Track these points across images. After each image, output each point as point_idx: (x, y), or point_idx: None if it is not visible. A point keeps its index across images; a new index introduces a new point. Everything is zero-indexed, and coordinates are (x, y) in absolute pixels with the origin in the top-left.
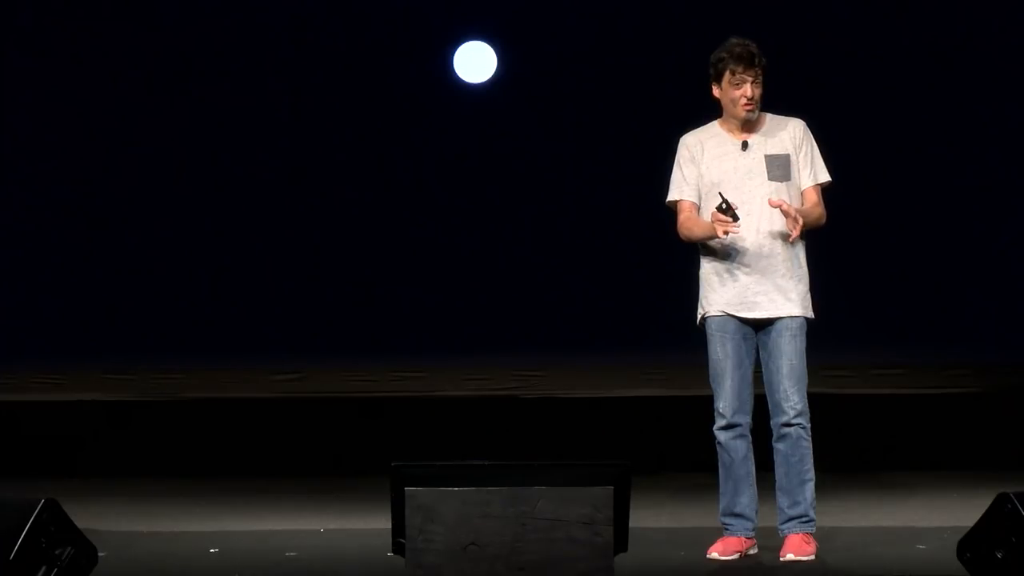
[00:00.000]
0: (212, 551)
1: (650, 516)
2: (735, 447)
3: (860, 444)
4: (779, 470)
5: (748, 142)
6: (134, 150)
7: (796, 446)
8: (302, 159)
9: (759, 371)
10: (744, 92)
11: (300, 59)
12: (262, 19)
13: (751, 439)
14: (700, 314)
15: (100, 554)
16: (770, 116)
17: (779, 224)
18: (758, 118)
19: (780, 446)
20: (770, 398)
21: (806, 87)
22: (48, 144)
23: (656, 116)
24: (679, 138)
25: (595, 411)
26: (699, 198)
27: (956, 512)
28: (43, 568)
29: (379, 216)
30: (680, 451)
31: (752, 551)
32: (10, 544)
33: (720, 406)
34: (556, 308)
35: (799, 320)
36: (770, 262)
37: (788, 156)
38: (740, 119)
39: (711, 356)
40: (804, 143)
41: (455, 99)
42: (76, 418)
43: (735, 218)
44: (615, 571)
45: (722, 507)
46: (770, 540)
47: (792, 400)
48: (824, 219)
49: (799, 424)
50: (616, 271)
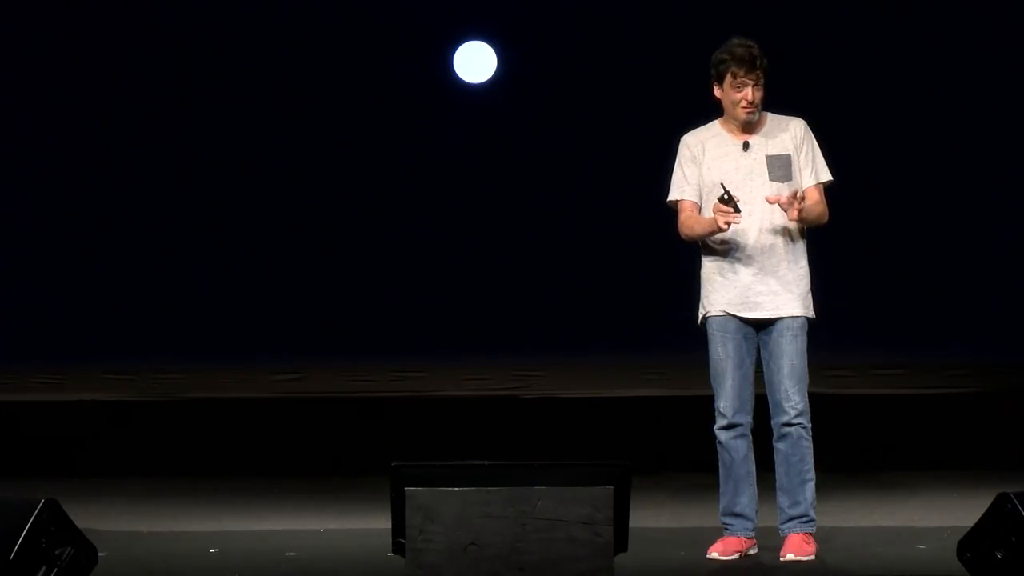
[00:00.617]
0: (212, 551)
1: (650, 516)
2: (736, 447)
3: (860, 444)
4: (779, 470)
5: (749, 142)
6: (134, 150)
7: (796, 446)
8: (302, 159)
9: (760, 371)
10: (745, 95)
11: (300, 59)
12: (262, 19)
13: (751, 439)
14: (701, 314)
15: (100, 554)
16: (771, 116)
17: (780, 223)
18: (759, 118)
19: (781, 446)
20: (771, 398)
21: (806, 87)
22: (48, 144)
23: (656, 116)
24: (680, 138)
25: (595, 411)
26: (700, 198)
27: (956, 512)
28: (43, 568)
29: (379, 216)
30: (680, 451)
31: (752, 551)
32: (10, 544)
33: (721, 406)
34: (556, 308)
35: (800, 320)
36: (771, 262)
37: (789, 156)
38: (740, 121)
39: (712, 356)
40: (805, 143)
41: (455, 99)
42: (76, 418)
43: (737, 209)
44: (615, 571)
45: (722, 507)
46: (770, 540)
47: (793, 400)
48: (825, 218)
49: (800, 424)
50: (616, 271)
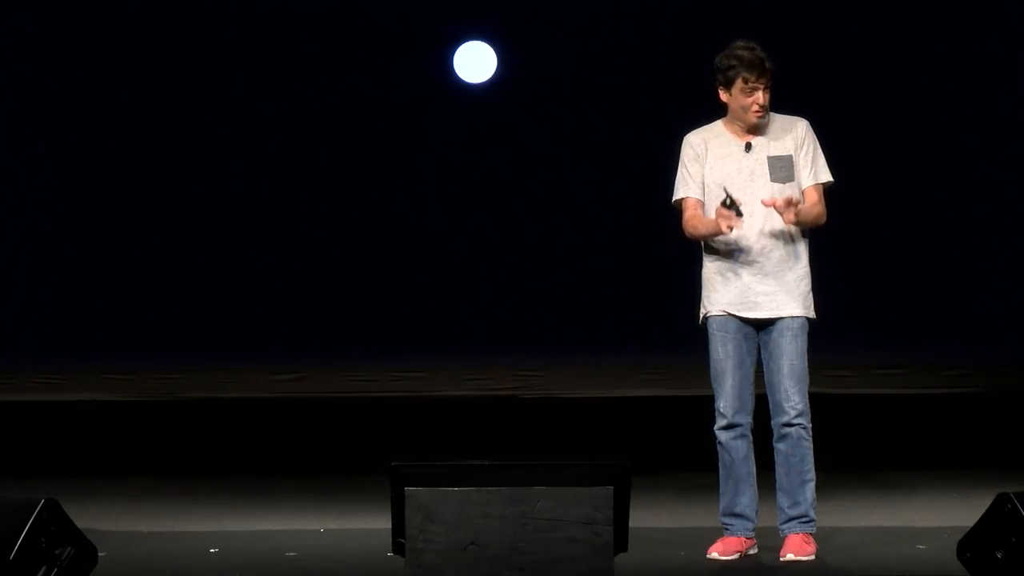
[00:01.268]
0: (212, 551)
1: (650, 516)
2: (736, 447)
3: (860, 444)
4: (779, 470)
5: (751, 143)
6: (134, 150)
7: (797, 446)
8: (302, 159)
9: (760, 371)
10: (756, 100)
11: (300, 59)
12: (262, 19)
13: (752, 439)
14: (702, 314)
15: (100, 554)
16: (774, 116)
17: (781, 225)
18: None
19: (781, 446)
20: (771, 398)
21: (806, 87)
22: (48, 144)
23: (656, 116)
24: (682, 137)
25: (595, 411)
26: (703, 196)
27: (956, 512)
28: (43, 568)
29: (379, 216)
30: (680, 451)
31: (752, 551)
32: (10, 544)
33: (721, 406)
34: (556, 308)
35: (800, 320)
36: (772, 263)
37: (790, 157)
38: (750, 124)
39: (712, 356)
40: (806, 142)
41: (455, 99)
42: (76, 418)
43: (739, 214)
44: (615, 571)
45: (722, 507)
46: (770, 540)
47: (793, 400)
48: (823, 219)
49: (800, 424)
50: (616, 271)
